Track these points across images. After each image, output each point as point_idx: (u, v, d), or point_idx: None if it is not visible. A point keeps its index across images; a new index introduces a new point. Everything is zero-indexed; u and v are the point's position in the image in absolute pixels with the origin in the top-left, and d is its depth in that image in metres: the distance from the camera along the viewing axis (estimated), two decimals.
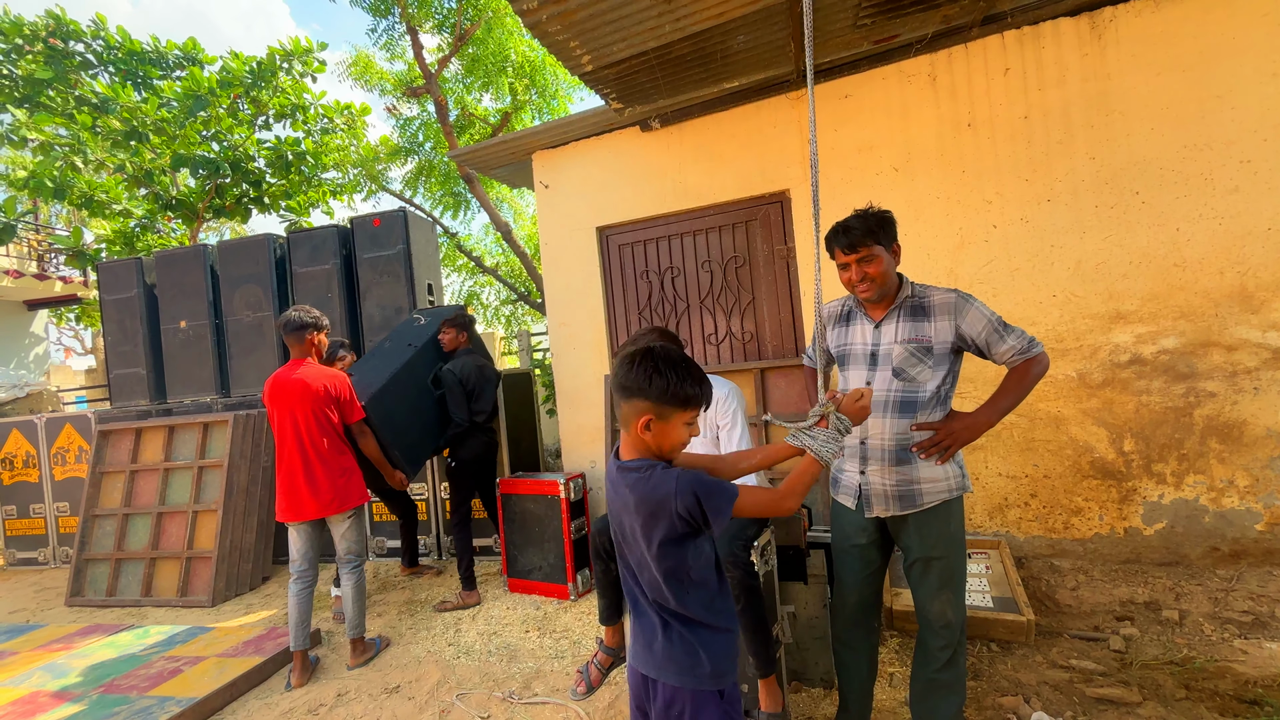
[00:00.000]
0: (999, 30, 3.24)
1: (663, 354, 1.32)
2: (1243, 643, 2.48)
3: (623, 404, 1.34)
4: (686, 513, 1.25)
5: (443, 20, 8.60)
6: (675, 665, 1.29)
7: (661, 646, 1.31)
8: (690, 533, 1.29)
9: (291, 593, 2.95)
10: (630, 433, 1.35)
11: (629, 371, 1.32)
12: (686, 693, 1.28)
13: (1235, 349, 2.92)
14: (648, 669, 1.34)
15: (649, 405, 1.30)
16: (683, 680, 1.28)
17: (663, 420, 1.30)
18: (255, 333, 5.09)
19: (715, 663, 1.29)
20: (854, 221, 1.84)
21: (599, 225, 4.33)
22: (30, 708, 2.70)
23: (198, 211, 7.66)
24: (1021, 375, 1.77)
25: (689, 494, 1.25)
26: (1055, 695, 2.26)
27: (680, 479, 1.26)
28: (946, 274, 3.37)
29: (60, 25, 7.75)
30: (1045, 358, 1.78)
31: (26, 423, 5.52)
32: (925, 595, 1.84)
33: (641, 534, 1.30)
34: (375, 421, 3.28)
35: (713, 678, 1.29)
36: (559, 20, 2.74)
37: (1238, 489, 2.93)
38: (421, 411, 3.70)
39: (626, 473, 1.33)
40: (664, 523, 1.26)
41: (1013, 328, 1.77)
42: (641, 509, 1.29)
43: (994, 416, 1.79)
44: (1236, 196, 2.89)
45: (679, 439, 1.34)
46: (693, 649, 1.29)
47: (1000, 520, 3.34)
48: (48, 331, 11.91)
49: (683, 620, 1.31)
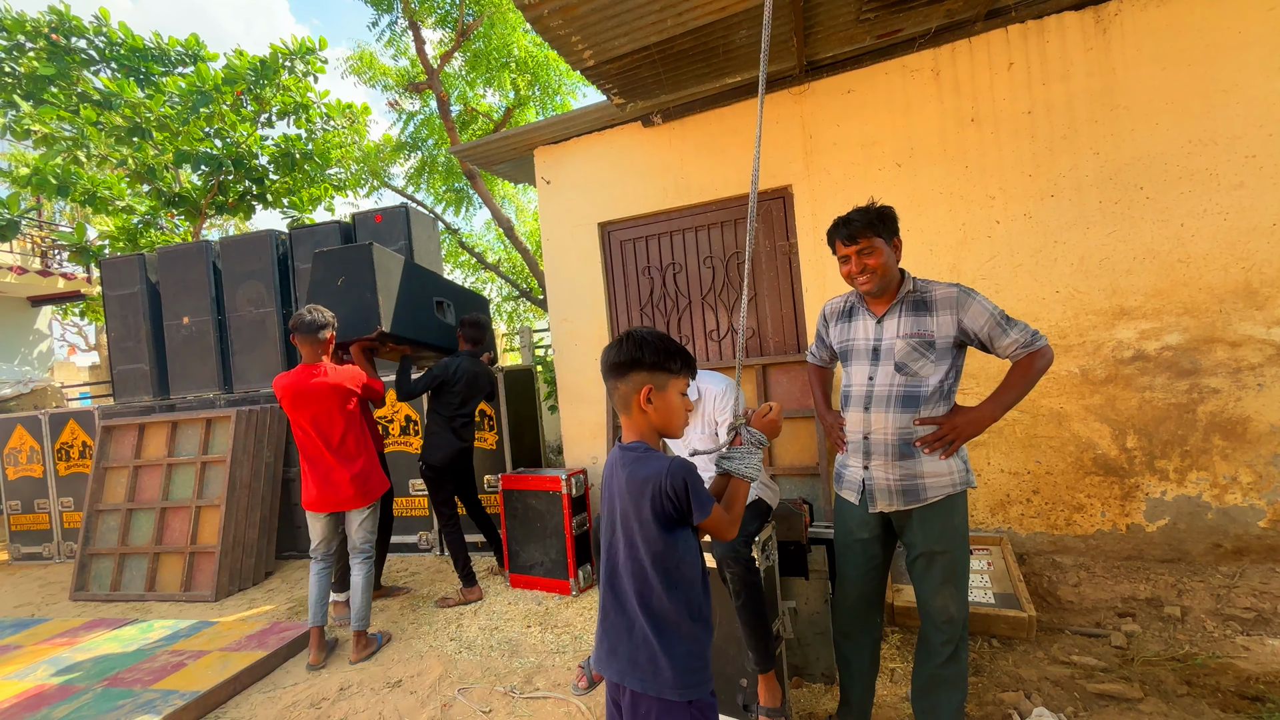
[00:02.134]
0: (1003, 24, 3.22)
1: (642, 329, 1.40)
2: (1245, 639, 2.48)
3: (620, 384, 1.37)
4: (673, 492, 1.27)
5: (445, 15, 8.59)
6: (639, 670, 1.28)
7: (627, 650, 1.30)
8: (676, 519, 1.30)
9: (313, 571, 3.11)
10: (632, 414, 1.38)
11: (618, 350, 1.38)
12: (653, 700, 1.27)
13: (1239, 345, 2.91)
14: (610, 672, 1.33)
15: (646, 374, 1.35)
16: (645, 687, 1.27)
17: (661, 390, 1.36)
18: (258, 329, 5.10)
19: (679, 670, 1.26)
20: (854, 214, 1.84)
21: (601, 221, 4.32)
22: (35, 701, 2.72)
23: (200, 208, 7.67)
24: (1025, 369, 1.77)
25: (679, 477, 1.27)
26: (1057, 691, 2.26)
27: (674, 462, 1.30)
28: (949, 270, 3.36)
29: (63, 21, 7.76)
30: (1049, 351, 1.78)
31: (31, 418, 5.54)
32: (928, 590, 1.84)
33: (634, 513, 1.31)
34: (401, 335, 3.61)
35: (676, 687, 1.25)
36: (561, 15, 2.73)
37: (1241, 486, 2.92)
38: (427, 321, 3.99)
39: (625, 452, 1.36)
40: (651, 498, 1.28)
41: (1015, 321, 1.77)
42: (632, 485, 1.31)
43: (998, 411, 1.79)
44: (1242, 192, 2.87)
45: (678, 410, 1.39)
46: (654, 654, 1.27)
47: (1002, 516, 3.34)
48: (51, 328, 11.95)
49: (656, 620, 1.29)
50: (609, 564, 1.38)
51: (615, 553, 1.37)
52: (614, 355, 1.39)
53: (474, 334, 3.85)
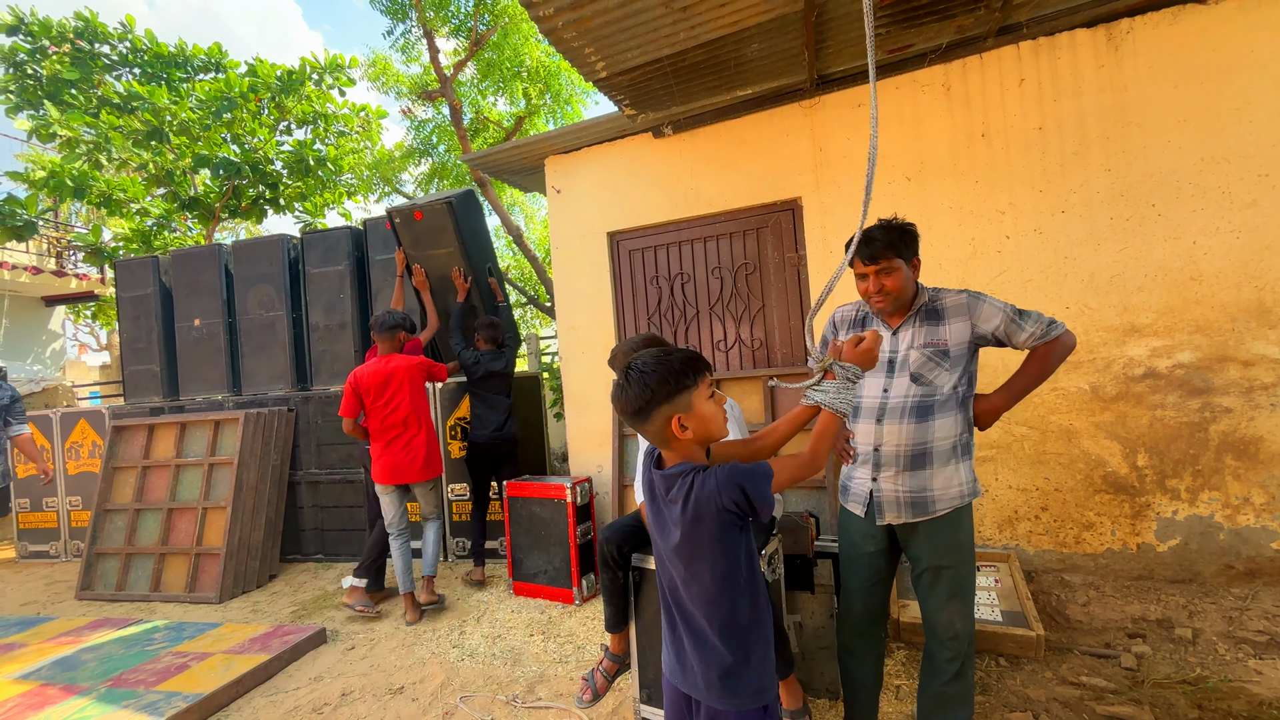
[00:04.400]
0: (1014, 41, 3.23)
1: (636, 363, 1.33)
2: (1257, 663, 2.44)
3: (648, 426, 1.32)
4: (734, 504, 1.23)
5: (459, 25, 8.70)
6: (719, 686, 1.28)
7: (701, 668, 1.29)
8: (740, 526, 1.28)
9: (394, 547, 3.56)
10: (672, 445, 1.33)
11: (627, 398, 1.31)
12: (732, 714, 1.27)
13: (1252, 364, 2.88)
14: (691, 690, 1.32)
15: (667, 407, 1.29)
16: (725, 703, 1.27)
17: (688, 410, 1.29)
18: (267, 332, 5.14)
19: (759, 677, 1.28)
20: (877, 232, 1.81)
21: (610, 230, 4.34)
22: (39, 700, 2.73)
23: (214, 211, 7.76)
24: (1042, 358, 1.80)
25: (733, 486, 1.23)
26: (1065, 712, 2.22)
27: (719, 474, 1.25)
28: (958, 284, 3.34)
29: (89, 27, 7.90)
30: (1069, 337, 1.79)
31: (42, 417, 5.59)
32: (934, 605, 1.82)
33: (691, 545, 1.28)
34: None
35: (755, 694, 1.27)
36: (575, 27, 2.76)
37: (1254, 506, 2.89)
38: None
39: (669, 482, 1.31)
40: (712, 521, 1.25)
41: (1029, 313, 1.78)
42: (688, 515, 1.26)
43: (1010, 400, 1.82)
44: (1254, 210, 2.86)
45: (715, 415, 1.32)
46: (730, 671, 1.27)
47: (1010, 533, 3.30)
48: (64, 328, 12.09)
49: (729, 638, 1.28)
50: (670, 588, 1.37)
51: (674, 580, 1.35)
52: (626, 404, 1.32)
53: (492, 334, 4.11)
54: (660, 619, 1.53)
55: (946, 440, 1.79)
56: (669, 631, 1.38)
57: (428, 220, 4.22)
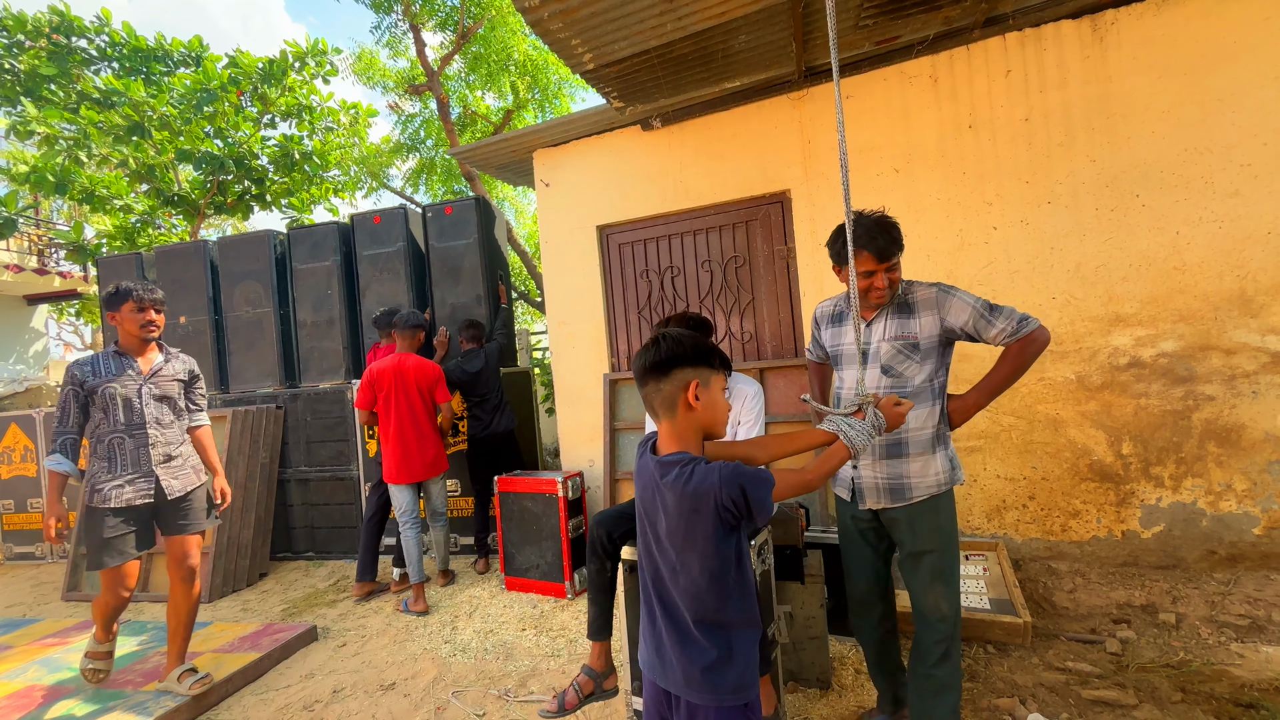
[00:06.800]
0: (1000, 32, 3.24)
1: (672, 330, 1.39)
2: (1239, 646, 2.48)
3: (662, 384, 1.32)
4: (731, 504, 1.22)
5: (446, 18, 8.62)
6: (701, 681, 1.26)
7: (682, 663, 1.28)
8: (734, 527, 1.27)
9: (406, 537, 3.62)
10: (676, 415, 1.33)
11: (656, 350, 1.34)
12: (713, 710, 1.26)
13: (1234, 353, 2.92)
14: (670, 684, 1.31)
15: (690, 370, 1.31)
16: (706, 698, 1.25)
17: (706, 386, 1.32)
18: (255, 329, 5.09)
19: (740, 673, 1.26)
20: (880, 232, 1.78)
21: (599, 224, 4.33)
22: (26, 701, 2.70)
23: (199, 207, 7.66)
24: (1015, 355, 1.78)
25: (734, 485, 1.22)
26: (1051, 697, 2.25)
27: (723, 471, 1.23)
28: (946, 275, 3.36)
29: (64, 21, 7.76)
30: (1042, 334, 1.76)
31: (25, 417, 5.51)
32: (918, 589, 1.87)
33: (683, 535, 1.27)
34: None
35: (736, 691, 1.26)
36: (561, 18, 2.74)
37: (1235, 493, 2.93)
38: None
39: (665, 468, 1.29)
40: (708, 518, 1.23)
41: (1001, 308, 1.77)
42: (683, 507, 1.25)
43: (984, 398, 1.83)
44: (1236, 200, 2.89)
45: (724, 407, 1.37)
46: (712, 666, 1.26)
47: (998, 522, 3.34)
48: (47, 327, 11.92)
49: (712, 629, 1.27)
50: (653, 579, 1.35)
51: (660, 571, 1.33)
52: (652, 355, 1.33)
53: (473, 333, 4.25)
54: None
55: (922, 430, 1.82)
56: (648, 625, 1.36)
57: (456, 214, 4.83)
